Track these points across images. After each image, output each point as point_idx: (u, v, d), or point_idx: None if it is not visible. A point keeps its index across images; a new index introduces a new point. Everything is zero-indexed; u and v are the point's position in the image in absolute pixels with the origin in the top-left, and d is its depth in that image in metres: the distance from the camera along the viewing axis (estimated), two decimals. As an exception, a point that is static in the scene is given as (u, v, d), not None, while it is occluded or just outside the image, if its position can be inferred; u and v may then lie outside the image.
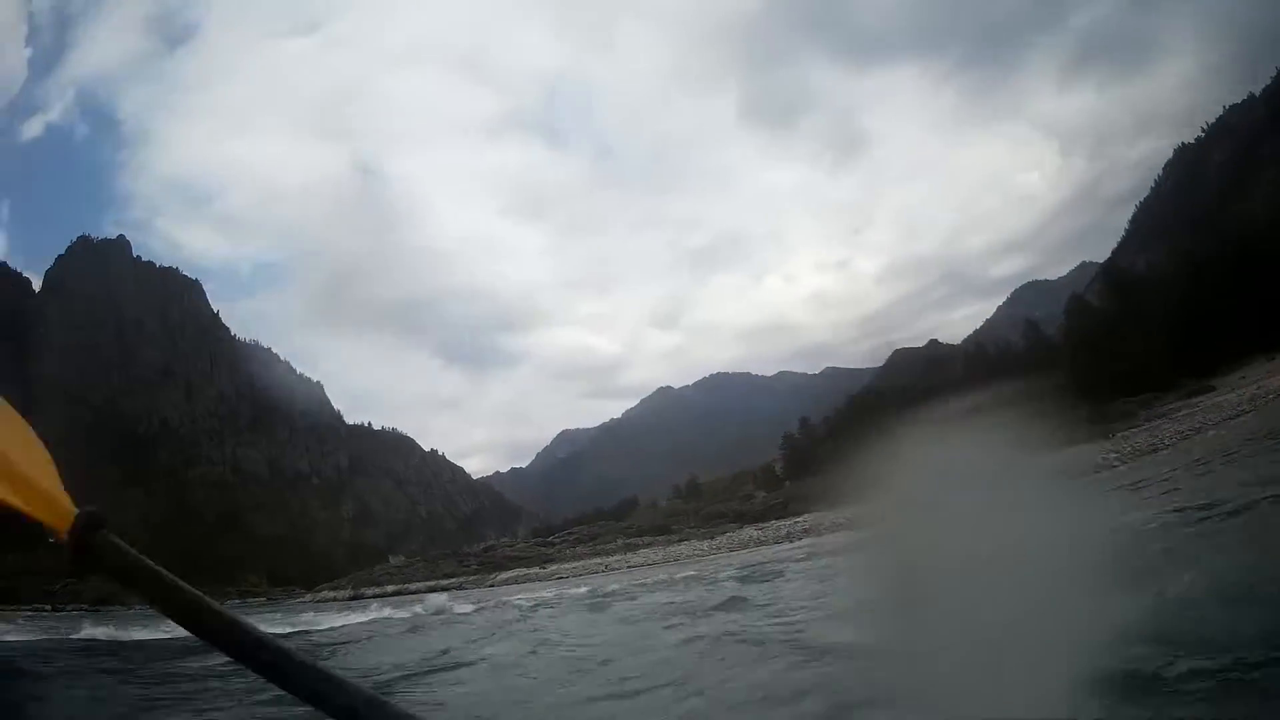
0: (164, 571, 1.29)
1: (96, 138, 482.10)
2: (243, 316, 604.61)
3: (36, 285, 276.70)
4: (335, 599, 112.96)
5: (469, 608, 32.91)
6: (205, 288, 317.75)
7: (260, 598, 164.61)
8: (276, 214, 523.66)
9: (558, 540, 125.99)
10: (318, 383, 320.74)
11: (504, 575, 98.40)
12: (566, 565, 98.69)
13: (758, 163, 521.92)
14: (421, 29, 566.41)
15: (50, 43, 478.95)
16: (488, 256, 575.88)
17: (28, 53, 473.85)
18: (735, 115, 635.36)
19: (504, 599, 40.32)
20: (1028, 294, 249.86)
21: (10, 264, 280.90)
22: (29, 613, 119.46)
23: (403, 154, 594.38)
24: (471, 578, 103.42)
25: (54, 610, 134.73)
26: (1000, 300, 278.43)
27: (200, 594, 1.27)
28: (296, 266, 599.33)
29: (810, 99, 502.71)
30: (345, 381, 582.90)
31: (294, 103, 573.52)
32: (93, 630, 29.07)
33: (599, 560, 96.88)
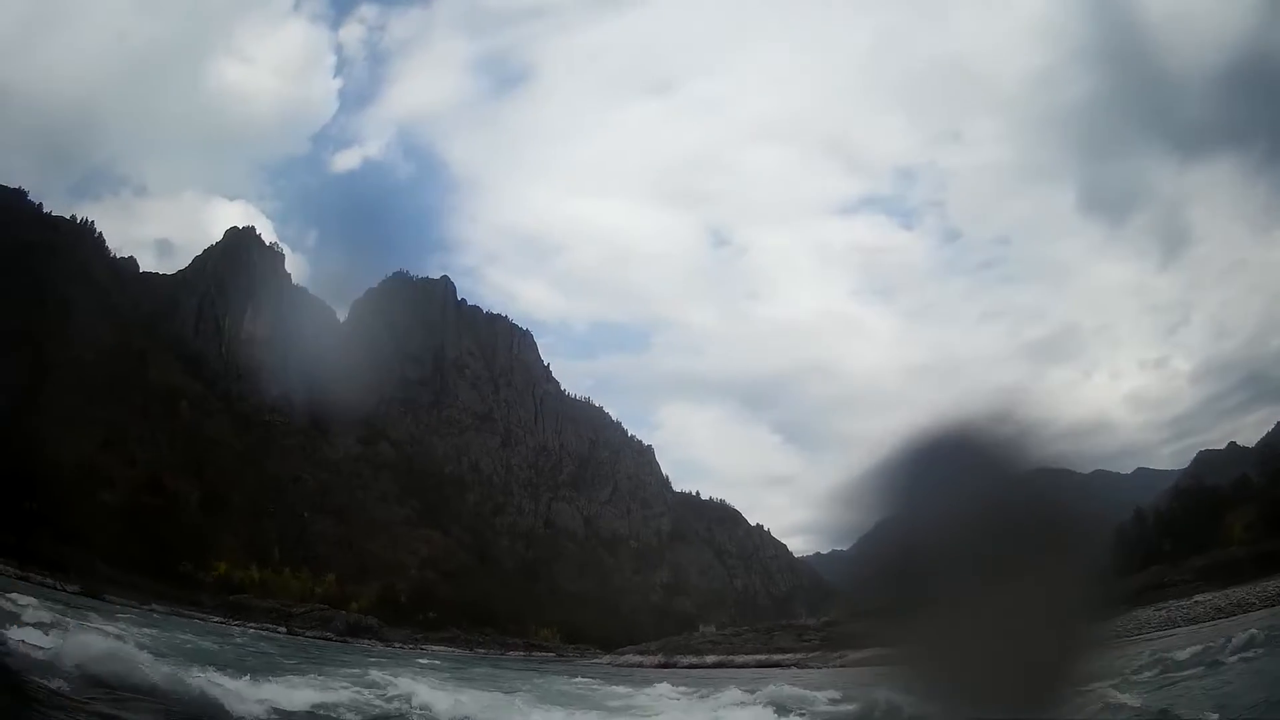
0: None
1: (421, 179, 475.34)
2: (575, 374, 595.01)
3: (341, 316, 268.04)
4: (642, 664, 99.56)
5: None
6: (540, 340, 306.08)
7: (549, 653, 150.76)
8: (621, 275, 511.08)
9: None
10: (649, 447, 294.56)
11: (856, 655, 76.27)
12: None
13: (1093, 256, 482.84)
14: (778, 106, 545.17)
15: (364, 76, 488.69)
16: (837, 337, 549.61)
17: (337, 84, 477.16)
18: (1074, 206, 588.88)
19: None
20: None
21: (312, 291, 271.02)
22: (253, 631, 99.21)
23: (756, 225, 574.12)
24: (813, 654, 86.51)
25: (289, 634, 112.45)
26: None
27: None
28: (639, 330, 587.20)
29: (1142, 192, 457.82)
30: (678, 447, 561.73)
31: (645, 164, 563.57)
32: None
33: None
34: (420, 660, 63.36)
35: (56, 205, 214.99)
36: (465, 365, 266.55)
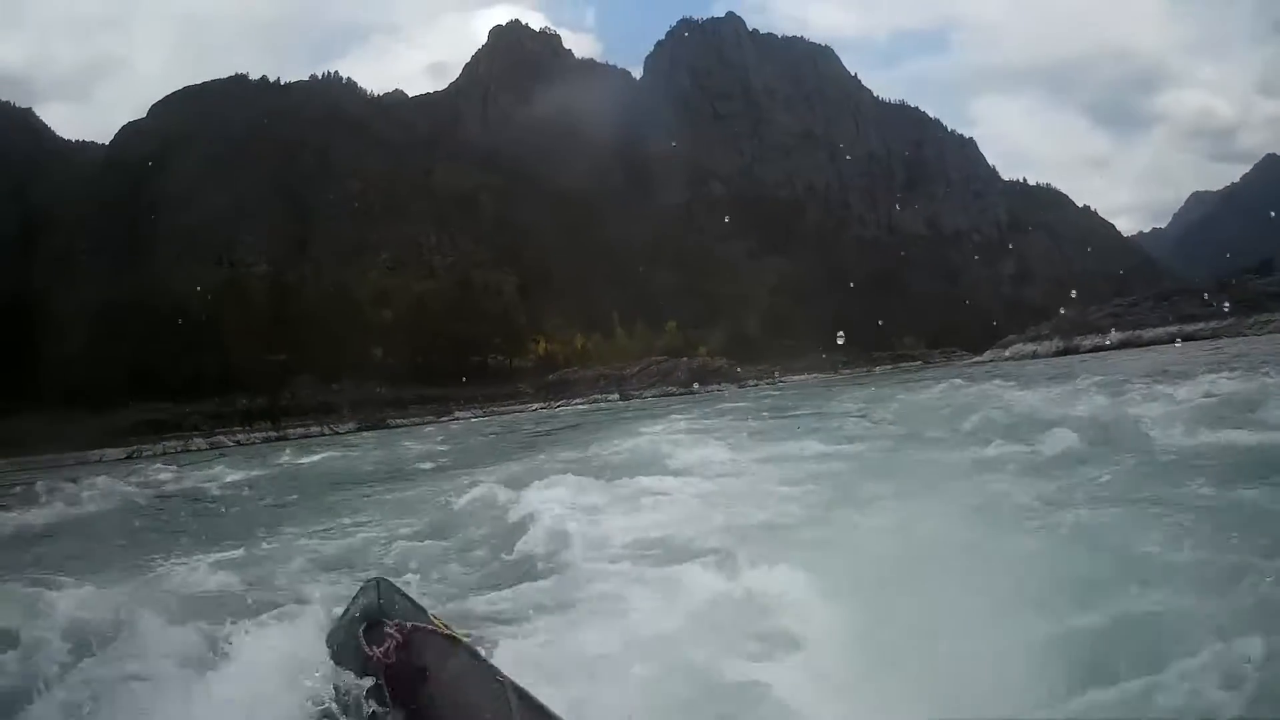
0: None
1: None
2: (882, 83, 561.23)
3: (637, 76, 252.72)
4: (1037, 354, 79.01)
5: None
6: (841, 57, 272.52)
7: (915, 361, 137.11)
8: None
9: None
10: (970, 139, 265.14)
11: None
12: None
13: None
14: None
15: None
16: (1115, 19, 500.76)
17: None
18: None
19: None
20: None
21: (601, 61, 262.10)
22: (577, 408, 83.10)
23: None
24: (1224, 323, 65.74)
25: (622, 399, 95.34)
26: None
27: None
28: (937, 32, 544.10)
29: None
30: (996, 140, 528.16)
31: None
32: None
33: None
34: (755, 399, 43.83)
35: (299, 74, 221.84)
36: (774, 90, 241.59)
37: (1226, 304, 70.24)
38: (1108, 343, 71.30)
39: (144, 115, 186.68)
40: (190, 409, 79.71)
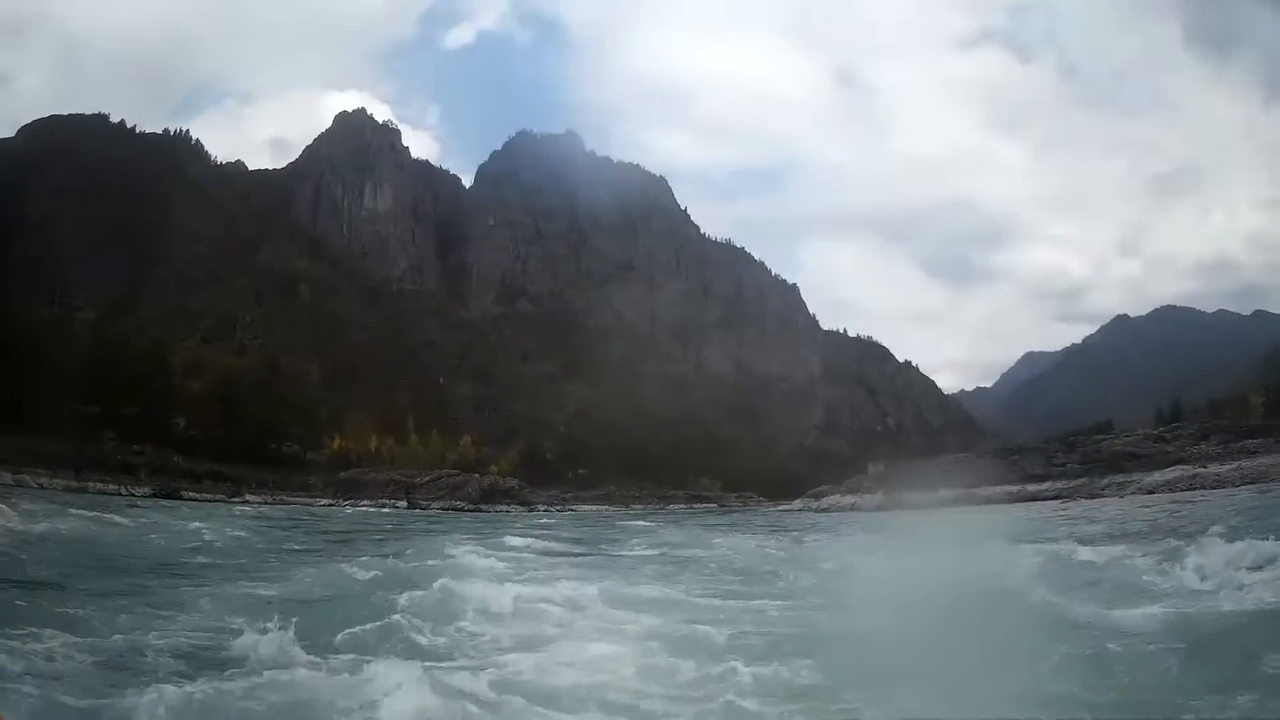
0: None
1: (540, 45, 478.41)
2: (714, 218, 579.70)
3: (468, 183, 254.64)
4: (856, 506, 79.39)
5: None
6: (675, 189, 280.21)
7: (710, 504, 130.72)
8: (755, 120, 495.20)
9: (1176, 435, 73.24)
10: (793, 285, 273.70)
11: (1148, 479, 59.91)
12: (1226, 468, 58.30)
13: (1201, 93, 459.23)
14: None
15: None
16: (969, 171, 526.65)
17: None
18: (1181, 42, 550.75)
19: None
20: None
21: (438, 165, 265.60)
22: (364, 509, 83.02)
23: (881, 64, 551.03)
24: (1073, 483, 66.53)
25: (410, 508, 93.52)
26: None
27: None
28: (774, 171, 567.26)
29: (1242, 32, 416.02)
30: (822, 287, 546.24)
31: (771, 9, 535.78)
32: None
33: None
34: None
35: (157, 125, 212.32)
36: (599, 216, 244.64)
37: (1075, 464, 70.33)
38: (942, 497, 69.99)
39: (13, 135, 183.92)
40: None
